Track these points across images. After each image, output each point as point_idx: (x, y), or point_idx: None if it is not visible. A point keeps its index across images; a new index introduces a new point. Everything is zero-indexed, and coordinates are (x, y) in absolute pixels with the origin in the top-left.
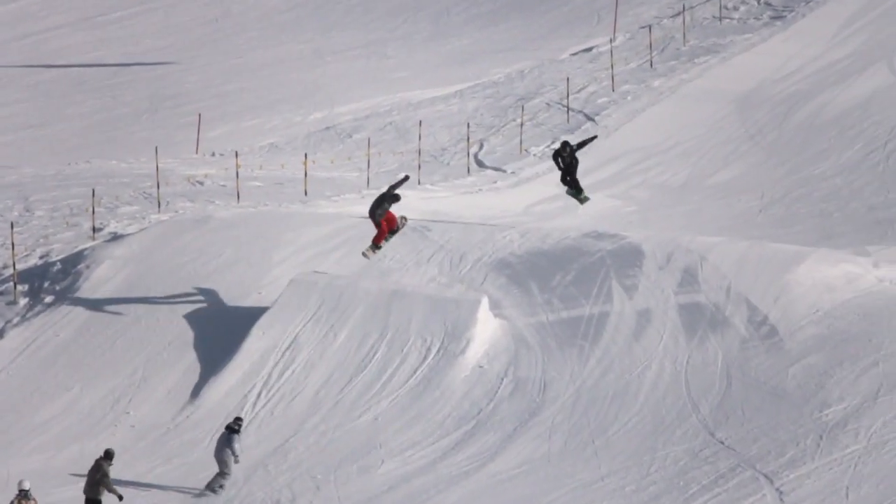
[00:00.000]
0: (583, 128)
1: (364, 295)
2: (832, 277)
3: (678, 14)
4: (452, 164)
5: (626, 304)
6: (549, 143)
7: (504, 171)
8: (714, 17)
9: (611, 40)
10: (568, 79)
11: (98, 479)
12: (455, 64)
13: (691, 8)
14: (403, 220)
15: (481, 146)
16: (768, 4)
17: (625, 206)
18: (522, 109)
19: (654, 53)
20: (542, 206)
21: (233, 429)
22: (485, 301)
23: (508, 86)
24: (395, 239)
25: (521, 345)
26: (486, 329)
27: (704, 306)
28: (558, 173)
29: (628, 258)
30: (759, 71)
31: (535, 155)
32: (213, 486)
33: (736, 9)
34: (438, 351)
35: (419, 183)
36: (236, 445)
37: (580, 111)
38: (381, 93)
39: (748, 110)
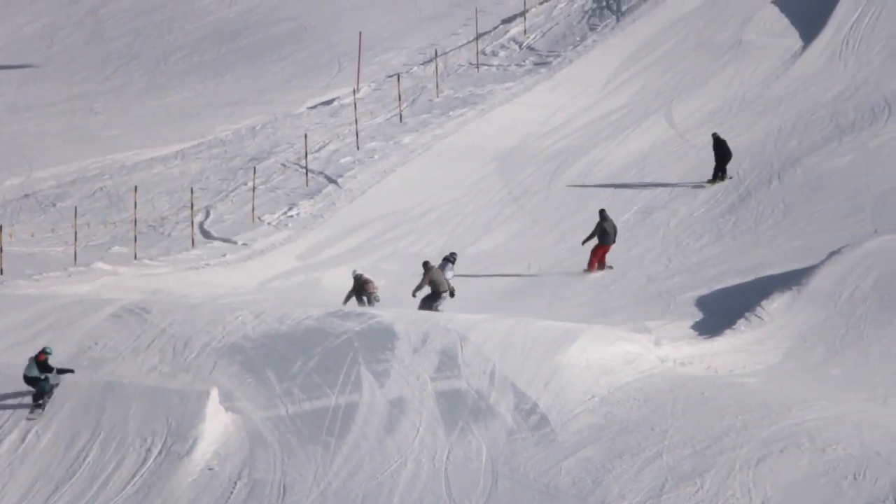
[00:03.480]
0: (323, 191)
1: (73, 388)
2: (609, 358)
3: (430, 61)
4: (174, 236)
5: (377, 392)
6: (285, 209)
7: (234, 243)
8: (471, 63)
9: (354, 91)
10: (306, 136)
11: None
12: (175, 120)
13: (445, 54)
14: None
15: (208, 214)
16: (531, 49)
17: (374, 280)
18: (254, 171)
19: (403, 106)
20: (279, 281)
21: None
22: (214, 393)
23: (238, 144)
24: (107, 324)
25: (258, 442)
26: (217, 425)
27: (466, 393)
28: (294, 245)
29: (379, 340)
30: (523, 124)
31: (269, 223)
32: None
33: (495, 54)
34: (161, 451)
35: (136, 258)
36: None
37: (321, 173)
38: (89, 154)
39: (511, 169)
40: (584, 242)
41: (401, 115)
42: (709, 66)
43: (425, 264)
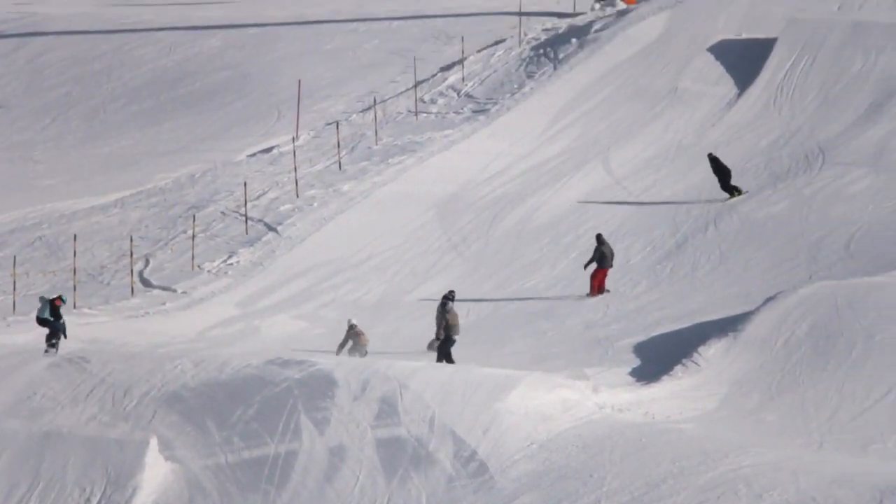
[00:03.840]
0: (263, 239)
1: (10, 438)
2: (547, 405)
3: (369, 108)
4: (114, 284)
5: (317, 440)
6: (224, 257)
7: (174, 291)
8: (409, 111)
9: (293, 139)
10: (245, 184)
11: None
12: (114, 169)
13: (383, 101)
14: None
15: (147, 263)
16: (469, 97)
17: (313, 328)
18: (194, 220)
19: (342, 153)
20: (219, 329)
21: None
22: (153, 442)
23: (177, 193)
24: (46, 374)
25: (197, 491)
26: (156, 474)
27: (405, 441)
28: (234, 293)
29: (318, 388)
30: (462, 172)
31: (209, 271)
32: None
33: (434, 102)
34: (100, 501)
35: (75, 307)
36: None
37: (260, 220)
38: (28, 203)
39: (450, 216)
40: (585, 266)
41: (340, 163)
42: (645, 114)
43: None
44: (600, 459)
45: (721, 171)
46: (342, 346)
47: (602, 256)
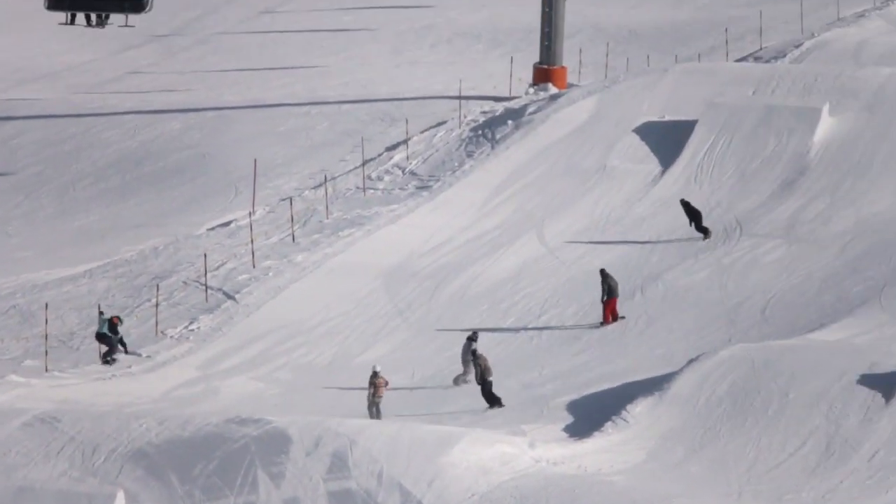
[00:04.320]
0: (222, 307)
1: None
2: (487, 459)
3: (320, 185)
4: (83, 349)
5: (273, 493)
6: (186, 323)
7: (139, 355)
8: (358, 187)
9: (250, 214)
10: (205, 255)
11: None
12: (83, 242)
13: (333, 179)
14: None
15: None
16: (413, 174)
17: (268, 388)
18: (157, 289)
19: (296, 227)
20: (181, 390)
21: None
22: (120, 495)
23: (142, 264)
24: (19, 432)
25: None
26: None
27: (356, 493)
28: (195, 357)
29: (274, 444)
30: (406, 243)
31: (172, 337)
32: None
33: (380, 179)
34: None
35: (47, 370)
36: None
37: (219, 289)
38: (2, 274)
39: (396, 285)
40: (603, 300)
41: (293, 236)
42: (576, 190)
43: (473, 353)
44: None
45: (693, 215)
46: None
47: (609, 288)
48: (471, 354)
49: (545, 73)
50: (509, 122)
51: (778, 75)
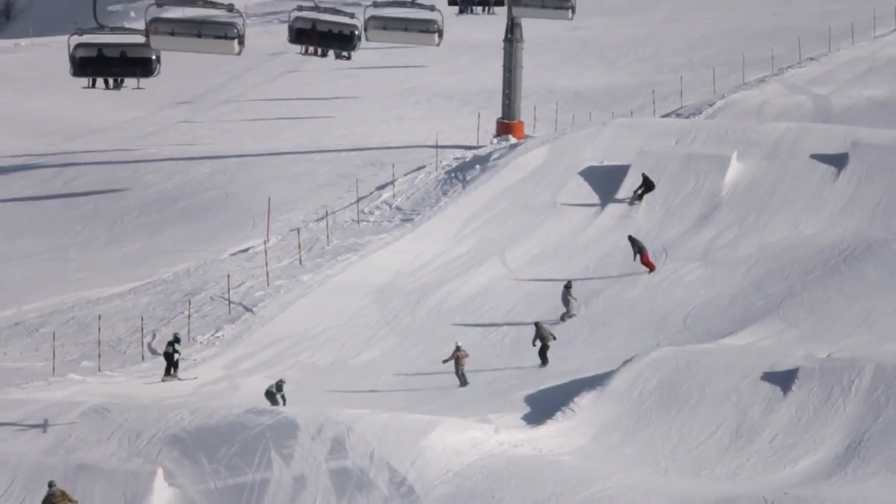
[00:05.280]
0: (242, 318)
1: (51, 470)
2: (460, 442)
3: (322, 218)
4: (129, 353)
5: (284, 470)
6: (213, 331)
7: (178, 379)
8: (353, 220)
9: (265, 242)
10: (228, 276)
11: None
12: (129, 265)
13: (333, 213)
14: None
15: (154, 336)
16: (399, 209)
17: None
18: (189, 303)
19: (302, 252)
20: (209, 387)
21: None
22: (160, 472)
23: (177, 283)
24: (77, 421)
25: None
26: (162, 498)
27: (352, 470)
28: (221, 359)
29: (285, 430)
30: (393, 266)
31: (201, 343)
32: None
33: (371, 213)
34: None
35: (99, 370)
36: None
37: (240, 303)
38: (63, 292)
39: (385, 300)
40: (637, 258)
41: (300, 260)
42: (532, 222)
43: (536, 324)
44: (500, 484)
45: (639, 248)
46: (446, 360)
47: (639, 248)
48: (569, 296)
49: (506, 126)
50: (477, 166)
51: (695, 129)
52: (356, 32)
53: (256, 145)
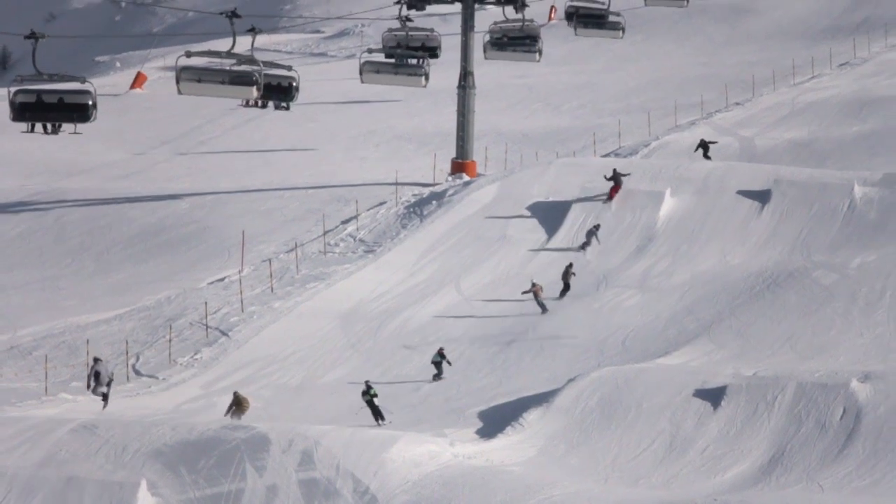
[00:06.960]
0: (219, 342)
1: (43, 482)
2: (419, 455)
3: (292, 250)
4: (114, 373)
5: (258, 481)
6: (192, 354)
7: (157, 378)
8: (320, 251)
9: (239, 272)
10: (206, 303)
11: None
12: (115, 293)
13: (302, 245)
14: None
15: (138, 358)
16: (362, 241)
17: (253, 403)
18: (170, 328)
19: (273, 281)
20: (189, 405)
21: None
22: (144, 483)
23: (158, 309)
24: (67, 436)
25: None
26: None
27: (319, 481)
28: (199, 379)
29: (258, 444)
30: (357, 293)
31: (181, 364)
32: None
33: (337, 245)
34: None
35: (87, 388)
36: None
37: (216, 328)
38: (55, 318)
39: (349, 325)
40: (610, 178)
41: (272, 288)
42: (484, 252)
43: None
44: (455, 492)
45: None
46: (525, 292)
47: (618, 177)
48: (594, 234)
49: (460, 165)
50: (434, 202)
51: (632, 167)
52: (294, 84)
53: (231, 183)
